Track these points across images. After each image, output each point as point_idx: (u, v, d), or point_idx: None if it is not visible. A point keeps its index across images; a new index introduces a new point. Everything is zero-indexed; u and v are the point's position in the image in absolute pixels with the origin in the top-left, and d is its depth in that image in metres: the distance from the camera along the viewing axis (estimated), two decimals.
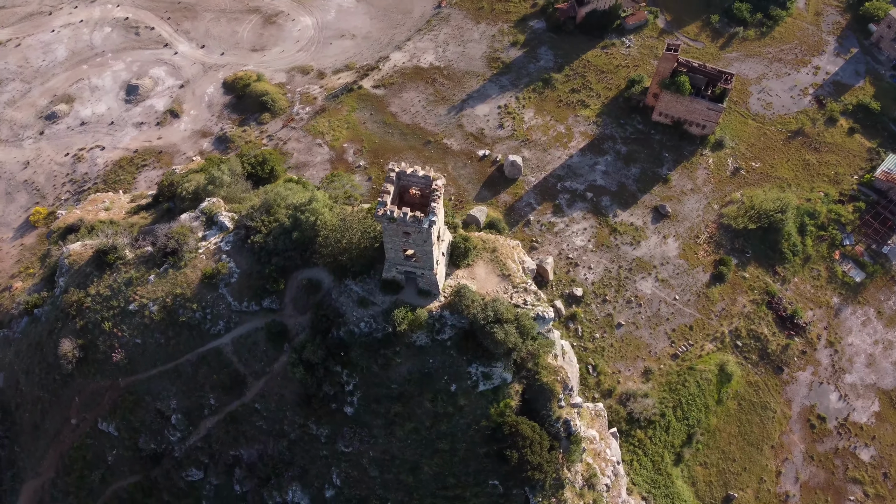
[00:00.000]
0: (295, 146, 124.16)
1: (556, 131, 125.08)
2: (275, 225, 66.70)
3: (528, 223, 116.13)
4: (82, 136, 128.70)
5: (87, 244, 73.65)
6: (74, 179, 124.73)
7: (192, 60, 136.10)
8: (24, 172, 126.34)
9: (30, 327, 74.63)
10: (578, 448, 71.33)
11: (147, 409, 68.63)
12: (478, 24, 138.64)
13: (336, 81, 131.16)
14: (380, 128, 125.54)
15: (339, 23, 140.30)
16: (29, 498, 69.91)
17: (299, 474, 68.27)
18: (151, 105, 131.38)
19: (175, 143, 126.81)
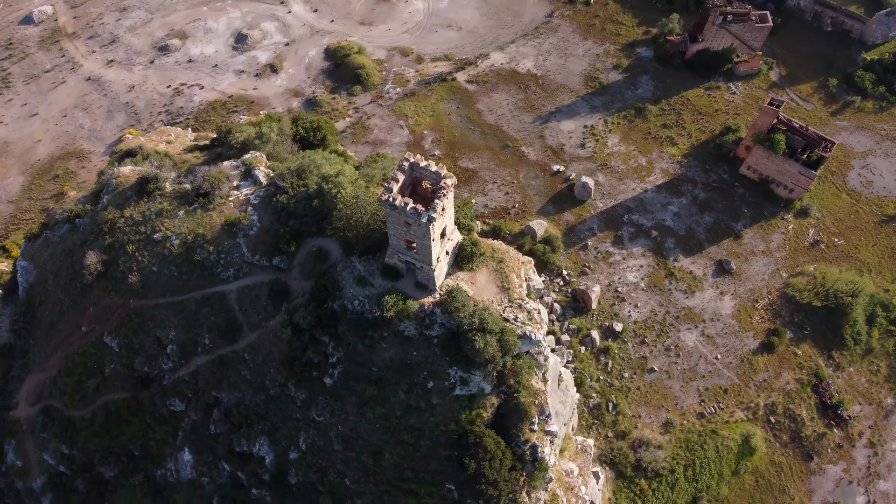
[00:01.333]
0: (377, 123, 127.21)
1: (636, 162, 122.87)
2: (301, 189, 68.81)
3: (585, 247, 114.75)
4: (186, 73, 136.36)
5: (136, 170, 78.24)
6: (170, 111, 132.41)
7: (303, 22, 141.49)
8: (127, 95, 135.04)
9: (68, 234, 79.80)
10: (542, 475, 69.94)
11: (148, 334, 71.80)
12: (585, 40, 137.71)
13: (432, 69, 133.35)
14: (463, 122, 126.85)
15: (449, 13, 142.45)
16: (30, 388, 74.86)
17: (269, 430, 69.98)
18: (255, 56, 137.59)
19: (268, 97, 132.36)
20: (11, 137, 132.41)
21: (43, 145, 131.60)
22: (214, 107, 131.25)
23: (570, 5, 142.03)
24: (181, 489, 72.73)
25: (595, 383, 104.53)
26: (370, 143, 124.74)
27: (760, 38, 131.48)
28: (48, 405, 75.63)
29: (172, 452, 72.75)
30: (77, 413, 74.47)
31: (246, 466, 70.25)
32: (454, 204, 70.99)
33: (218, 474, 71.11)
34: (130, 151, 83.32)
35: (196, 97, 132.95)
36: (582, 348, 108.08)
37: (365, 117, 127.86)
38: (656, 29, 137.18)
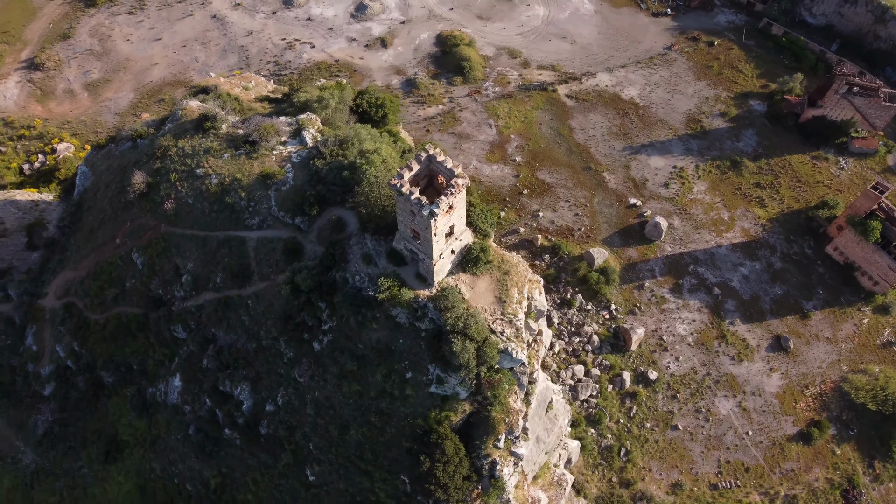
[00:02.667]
0: (468, 117, 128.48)
1: (718, 215, 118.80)
2: (339, 158, 70.47)
3: (641, 287, 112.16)
4: (302, 30, 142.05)
5: (202, 106, 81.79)
6: (278, 62, 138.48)
7: (423, 4, 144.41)
8: (244, 39, 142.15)
9: (127, 152, 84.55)
10: (497, 494, 68.97)
11: (169, 259, 75.25)
12: (698, 80, 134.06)
13: (535, 75, 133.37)
14: (552, 135, 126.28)
15: (567, 24, 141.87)
16: (60, 283, 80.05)
17: (253, 378, 71.86)
18: (369, 28, 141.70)
19: (371, 69, 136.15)
20: (133, 56, 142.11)
21: (158, 69, 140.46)
22: (319, 67, 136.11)
23: (692, 42, 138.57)
24: (165, 411, 76.08)
25: (613, 424, 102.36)
26: (455, 135, 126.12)
27: (885, 118, 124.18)
28: (71, 302, 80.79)
29: (166, 375, 76.17)
30: (93, 316, 79.21)
31: (224, 406, 72.83)
32: (480, 209, 70.40)
33: (199, 406, 73.92)
34: (206, 88, 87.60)
35: (305, 55, 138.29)
36: (609, 386, 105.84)
37: (458, 109, 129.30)
38: (776, 85, 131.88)
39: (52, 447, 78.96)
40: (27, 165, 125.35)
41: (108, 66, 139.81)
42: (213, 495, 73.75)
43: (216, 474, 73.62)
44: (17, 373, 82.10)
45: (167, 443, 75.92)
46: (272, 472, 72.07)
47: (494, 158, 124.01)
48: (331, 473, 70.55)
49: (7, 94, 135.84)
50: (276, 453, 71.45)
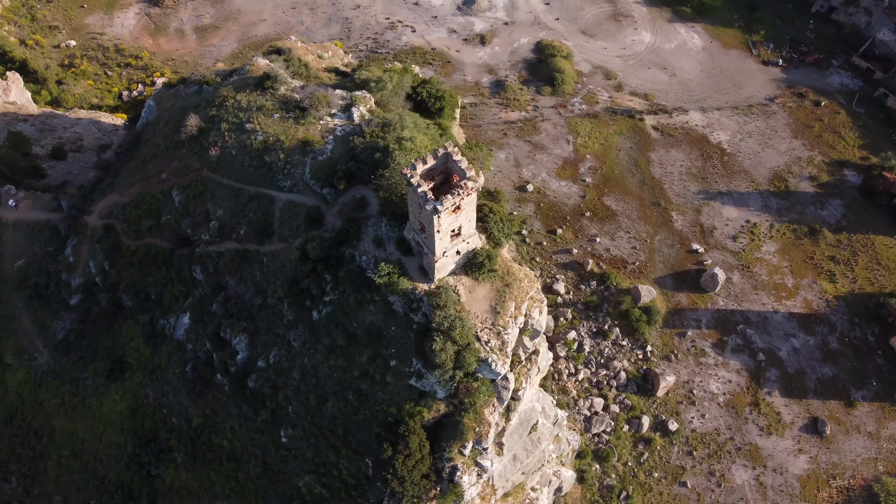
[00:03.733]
0: (547, 128, 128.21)
1: (782, 280, 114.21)
2: (377, 139, 71.68)
3: (683, 336, 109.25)
4: (407, 13, 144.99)
5: (268, 65, 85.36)
6: (377, 40, 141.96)
7: (530, 9, 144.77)
8: (351, 11, 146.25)
9: (192, 95, 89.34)
10: (451, 498, 69.12)
11: (203, 203, 79.38)
12: (794, 138, 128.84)
13: (626, 100, 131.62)
14: (628, 163, 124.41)
15: (670, 55, 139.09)
16: (106, 204, 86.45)
17: (252, 332, 74.38)
18: (472, 23, 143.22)
19: (464, 63, 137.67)
20: (245, 8, 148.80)
21: (264, 25, 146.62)
22: (415, 52, 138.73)
23: (798, 98, 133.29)
24: (170, 344, 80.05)
25: (620, 465, 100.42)
26: (531, 144, 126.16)
27: None
28: (111, 224, 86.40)
29: (178, 311, 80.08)
30: (127, 241, 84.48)
31: (222, 352, 75.98)
32: (500, 218, 69.93)
33: (200, 347, 77.28)
34: (280, 49, 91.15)
35: (404, 38, 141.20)
36: (626, 427, 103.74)
37: (540, 118, 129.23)
38: (877, 159, 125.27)
39: (65, 353, 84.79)
40: (126, 92, 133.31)
41: (220, 13, 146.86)
42: (192, 433, 77.32)
43: (200, 414, 77.12)
44: (51, 278, 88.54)
45: (165, 374, 79.96)
46: (250, 425, 74.83)
47: (564, 175, 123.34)
48: (302, 440, 72.48)
49: (125, 24, 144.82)
50: (257, 408, 74.16)
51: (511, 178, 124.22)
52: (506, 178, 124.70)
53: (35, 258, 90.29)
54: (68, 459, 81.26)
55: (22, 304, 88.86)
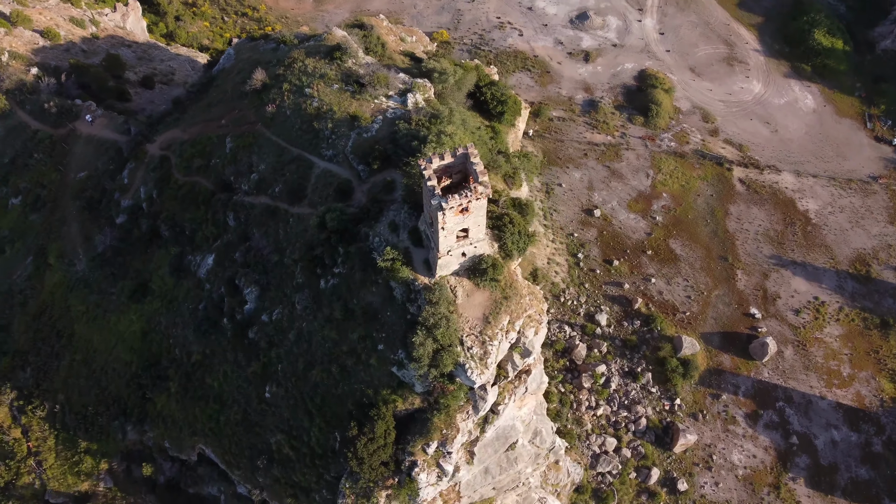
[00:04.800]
0: (629, 157, 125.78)
1: (838, 366, 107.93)
2: (420, 129, 71.89)
3: (717, 397, 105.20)
4: (519, 16, 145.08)
5: (343, 37, 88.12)
6: (482, 37, 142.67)
7: (642, 36, 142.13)
8: (464, 4, 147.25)
9: (268, 51, 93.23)
10: (408, 494, 69.49)
11: (249, 155, 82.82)
12: (890, 223, 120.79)
13: (718, 147, 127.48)
14: (704, 210, 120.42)
15: (776, 111, 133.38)
16: (167, 137, 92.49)
17: (263, 285, 77.19)
18: (581, 38, 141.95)
19: (562, 77, 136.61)
20: None
21: (379, 1, 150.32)
22: (517, 56, 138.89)
23: None
24: (191, 280, 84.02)
25: None
26: (609, 170, 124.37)
27: None
28: (167, 156, 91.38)
29: (205, 251, 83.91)
30: (177, 175, 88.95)
31: (233, 298, 79.20)
32: (518, 231, 69.62)
33: (216, 289, 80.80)
34: (363, 25, 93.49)
35: (510, 40, 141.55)
36: (633, 474, 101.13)
37: (624, 146, 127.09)
38: None
39: (100, 266, 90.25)
40: (236, 40, 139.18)
41: None
42: (190, 367, 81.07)
43: (200, 353, 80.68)
44: (105, 195, 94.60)
45: (180, 307, 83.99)
46: (241, 374, 77.73)
47: (636, 207, 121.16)
48: (283, 399, 74.75)
49: None
50: (251, 359, 77.00)
51: (580, 200, 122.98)
52: (575, 199, 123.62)
53: (96, 173, 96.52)
54: (79, 364, 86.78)
55: (75, 213, 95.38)
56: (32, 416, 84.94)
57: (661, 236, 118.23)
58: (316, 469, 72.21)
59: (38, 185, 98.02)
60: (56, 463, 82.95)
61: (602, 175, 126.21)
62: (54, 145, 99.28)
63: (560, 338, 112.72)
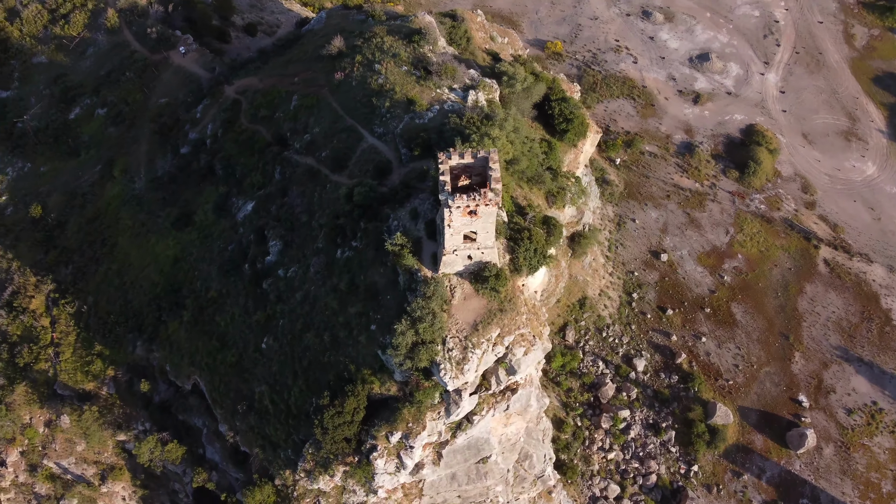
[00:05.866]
0: (714, 211, 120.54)
1: (879, 480, 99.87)
2: (469, 127, 71.44)
3: (738, 475, 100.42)
4: (638, 43, 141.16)
5: (428, 23, 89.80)
6: (595, 56, 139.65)
7: (760, 90, 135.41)
8: (586, 20, 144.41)
9: (355, 22, 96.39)
10: (364, 475, 70.72)
11: (308, 116, 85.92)
12: None
13: (810, 221, 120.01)
14: (777, 282, 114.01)
15: (885, 200, 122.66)
16: (243, 83, 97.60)
17: (287, 242, 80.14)
18: (695, 78, 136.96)
19: (666, 112, 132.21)
20: None
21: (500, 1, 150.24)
22: (624, 82, 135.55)
23: None
24: (229, 220, 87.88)
25: None
26: (688, 217, 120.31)
27: None
28: (239, 100, 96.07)
29: (248, 197, 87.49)
30: (242, 119, 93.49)
31: (258, 247, 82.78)
32: (534, 250, 69.12)
33: (246, 235, 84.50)
34: (454, 16, 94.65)
35: (622, 65, 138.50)
36: None
37: (710, 197, 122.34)
38: None
39: (154, 189, 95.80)
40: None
41: None
42: (205, 302, 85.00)
43: (217, 290, 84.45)
44: (177, 124, 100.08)
45: (212, 244, 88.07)
46: (246, 320, 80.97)
47: (706, 261, 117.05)
48: (276, 354, 77.56)
49: None
50: (258, 308, 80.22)
51: (650, 240, 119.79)
52: (645, 238, 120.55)
53: (174, 102, 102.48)
54: (113, 274, 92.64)
55: (147, 134, 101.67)
56: (62, 310, 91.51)
57: (724, 296, 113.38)
58: (288, 427, 74.48)
59: (123, 101, 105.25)
60: (71, 358, 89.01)
61: (679, 220, 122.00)
62: (146, 68, 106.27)
63: (591, 371, 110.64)
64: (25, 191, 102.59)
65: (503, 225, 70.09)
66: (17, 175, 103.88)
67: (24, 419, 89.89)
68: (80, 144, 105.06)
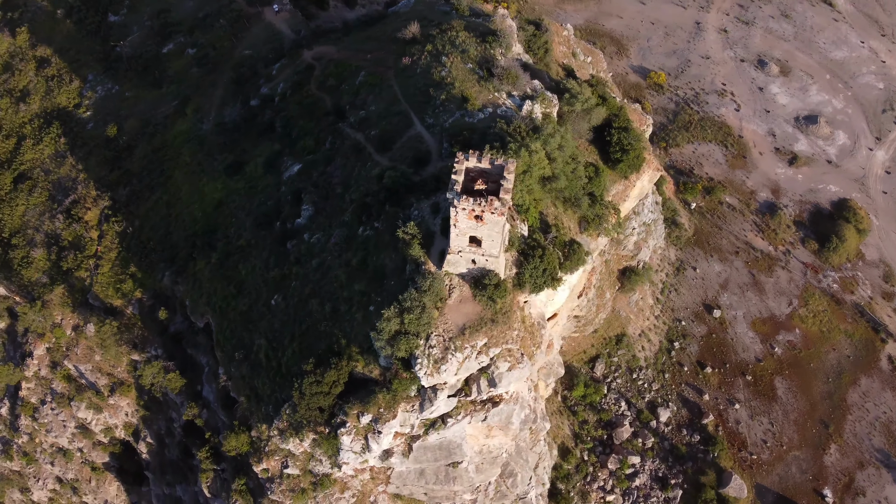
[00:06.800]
0: (780, 277, 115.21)
1: None
2: (512, 134, 71.25)
3: None
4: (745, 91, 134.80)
5: (509, 28, 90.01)
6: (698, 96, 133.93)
7: (864, 165, 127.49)
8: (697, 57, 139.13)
9: (439, 12, 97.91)
10: (328, 446, 72.57)
11: (368, 94, 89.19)
12: None
13: (884, 313, 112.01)
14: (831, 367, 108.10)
15: None
16: (321, 51, 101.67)
17: (318, 208, 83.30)
18: (797, 139, 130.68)
19: (756, 168, 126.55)
20: None
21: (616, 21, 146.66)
22: (720, 128, 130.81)
23: None
24: (274, 177, 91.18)
25: None
26: (753, 279, 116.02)
27: None
28: (313, 66, 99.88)
29: (297, 160, 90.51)
30: (311, 85, 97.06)
31: (293, 208, 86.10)
32: (543, 269, 68.61)
33: (286, 195, 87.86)
34: (539, 24, 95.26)
35: (722, 109, 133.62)
36: None
37: (781, 264, 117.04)
38: None
39: (218, 134, 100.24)
40: None
41: None
42: (232, 249, 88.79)
43: (246, 240, 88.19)
44: (253, 77, 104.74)
45: (253, 196, 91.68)
46: (265, 274, 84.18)
47: (759, 328, 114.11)
48: (282, 312, 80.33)
49: None
50: (276, 266, 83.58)
51: (707, 293, 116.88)
52: (702, 289, 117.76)
53: (256, 55, 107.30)
54: (162, 204, 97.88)
55: (225, 81, 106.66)
56: (111, 227, 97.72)
57: (770, 368, 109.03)
58: (274, 384, 77.24)
59: (212, 46, 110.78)
60: (108, 273, 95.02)
61: (743, 280, 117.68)
62: (239, 19, 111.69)
63: (611, 409, 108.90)
64: (108, 111, 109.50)
65: (519, 237, 69.91)
66: (104, 94, 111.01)
67: (56, 319, 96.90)
68: (164, 78, 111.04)
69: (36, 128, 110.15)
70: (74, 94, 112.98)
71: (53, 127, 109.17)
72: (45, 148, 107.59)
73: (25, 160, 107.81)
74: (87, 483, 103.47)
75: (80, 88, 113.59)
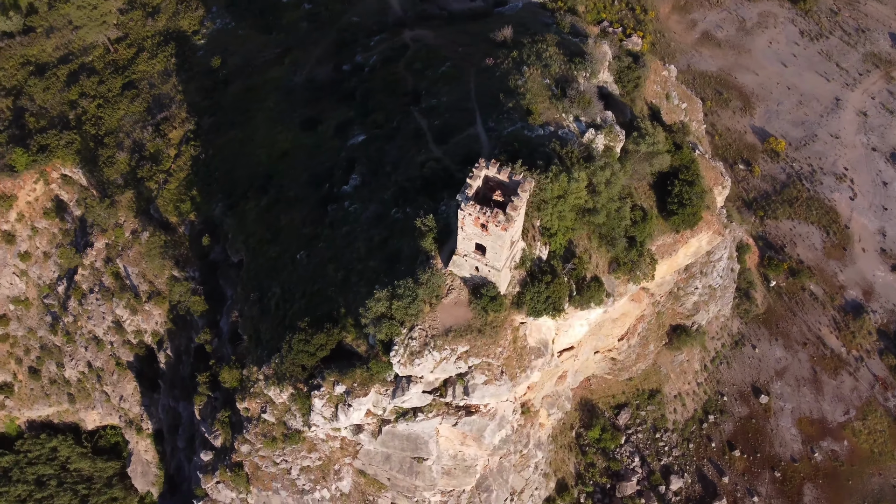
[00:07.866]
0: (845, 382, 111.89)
1: None
2: (561, 158, 71.99)
3: None
4: (867, 182, 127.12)
5: (603, 55, 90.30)
6: (814, 174, 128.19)
7: None
8: (826, 135, 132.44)
9: (541, 24, 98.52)
10: (302, 402, 75.81)
11: (444, 85, 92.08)
12: None
13: None
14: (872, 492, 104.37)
15: None
16: (419, 33, 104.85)
17: (364, 180, 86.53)
18: None
19: (853, 263, 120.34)
20: (756, 50, 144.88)
21: (750, 76, 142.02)
22: (826, 212, 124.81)
23: None
24: (340, 142, 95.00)
25: None
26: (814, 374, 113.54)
27: None
28: (408, 45, 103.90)
29: (364, 131, 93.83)
30: (400, 64, 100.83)
31: (343, 174, 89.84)
32: (547, 296, 68.39)
33: (343, 159, 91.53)
34: (638, 59, 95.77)
35: (835, 193, 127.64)
36: None
37: (849, 369, 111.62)
38: None
39: (305, 89, 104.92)
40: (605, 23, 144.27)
41: (734, 38, 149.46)
42: (281, 198, 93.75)
43: (295, 194, 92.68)
44: (353, 44, 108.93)
45: (316, 155, 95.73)
46: (301, 229, 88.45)
47: (805, 427, 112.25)
48: (303, 268, 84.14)
49: None
50: (312, 224, 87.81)
51: (759, 375, 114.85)
52: (754, 370, 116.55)
53: (361, 23, 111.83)
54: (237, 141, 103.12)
55: (327, 42, 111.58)
56: (188, 149, 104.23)
57: (803, 471, 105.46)
58: (275, 332, 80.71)
59: (325, 6, 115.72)
60: (173, 190, 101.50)
61: (802, 373, 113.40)
62: None
63: (623, 461, 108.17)
64: (218, 43, 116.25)
65: (532, 258, 69.95)
66: (221, 27, 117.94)
67: (120, 219, 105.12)
68: (275, 25, 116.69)
69: (155, 44, 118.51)
70: (196, 22, 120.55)
71: (170, 47, 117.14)
72: (157, 64, 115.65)
73: (138, 70, 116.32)
74: (109, 375, 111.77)
75: (202, 17, 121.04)
